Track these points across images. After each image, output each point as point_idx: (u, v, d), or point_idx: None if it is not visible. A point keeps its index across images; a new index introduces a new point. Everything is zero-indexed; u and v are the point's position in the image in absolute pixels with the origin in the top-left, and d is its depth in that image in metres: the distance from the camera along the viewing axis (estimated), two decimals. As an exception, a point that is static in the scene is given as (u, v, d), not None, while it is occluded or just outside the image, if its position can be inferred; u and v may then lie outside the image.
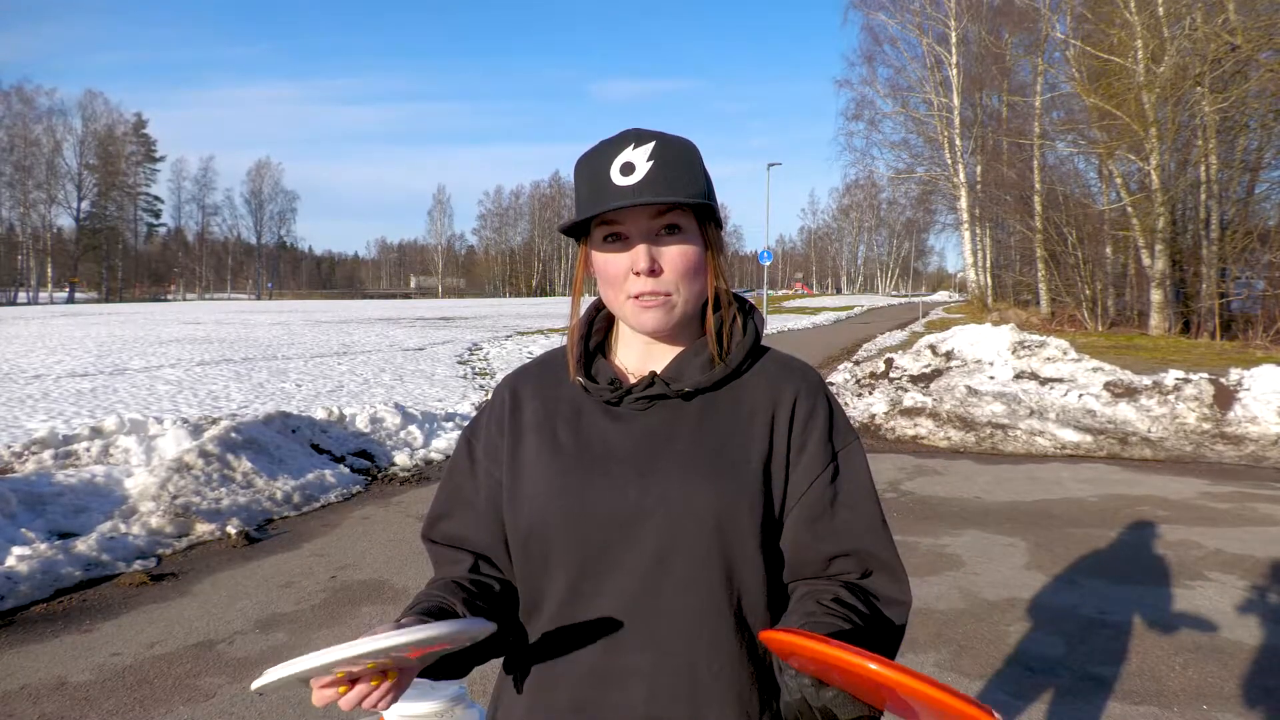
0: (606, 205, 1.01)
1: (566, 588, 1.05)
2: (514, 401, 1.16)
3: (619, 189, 1.01)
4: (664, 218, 1.03)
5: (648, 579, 1.02)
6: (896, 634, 1.05)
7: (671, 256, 1.03)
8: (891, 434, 9.17)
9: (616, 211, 1.02)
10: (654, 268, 1.03)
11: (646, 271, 1.02)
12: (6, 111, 70.42)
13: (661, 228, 1.03)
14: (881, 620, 1.03)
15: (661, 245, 1.03)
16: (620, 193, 1.01)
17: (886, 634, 1.03)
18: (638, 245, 1.03)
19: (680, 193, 1.02)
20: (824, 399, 1.11)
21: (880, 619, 1.03)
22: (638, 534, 1.02)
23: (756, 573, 1.04)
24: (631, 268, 1.03)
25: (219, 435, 6.36)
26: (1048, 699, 3.30)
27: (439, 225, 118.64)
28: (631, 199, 1.00)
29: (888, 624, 1.03)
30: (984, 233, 39.55)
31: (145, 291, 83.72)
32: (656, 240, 1.03)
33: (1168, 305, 23.82)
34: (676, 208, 1.03)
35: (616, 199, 1.01)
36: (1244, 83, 20.53)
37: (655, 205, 1.01)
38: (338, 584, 4.61)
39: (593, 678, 1.03)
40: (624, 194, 1.01)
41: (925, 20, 39.93)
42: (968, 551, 5.16)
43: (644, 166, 1.01)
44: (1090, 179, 29.34)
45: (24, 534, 4.79)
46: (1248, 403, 8.84)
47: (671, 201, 1.00)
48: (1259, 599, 4.34)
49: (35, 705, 3.25)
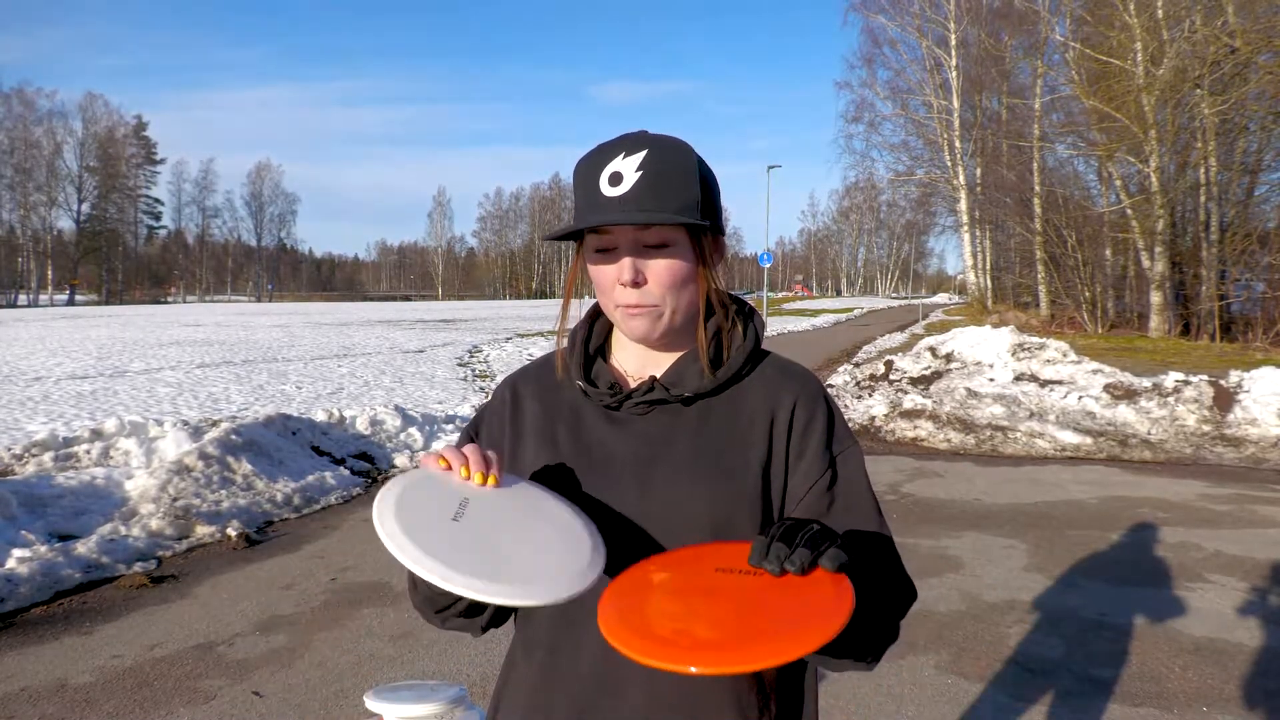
0: (588, 220, 1.01)
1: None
2: (514, 401, 1.17)
3: (606, 200, 1.01)
4: (650, 232, 1.02)
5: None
6: (902, 600, 1.04)
7: (657, 270, 1.03)
8: (891, 436, 9.17)
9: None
10: (637, 280, 1.03)
11: (630, 284, 1.02)
12: (7, 114, 70.54)
13: (649, 240, 1.03)
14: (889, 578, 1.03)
15: (647, 258, 1.03)
16: (606, 204, 1.01)
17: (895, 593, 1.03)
18: (624, 257, 1.03)
19: (668, 206, 1.01)
20: (823, 404, 1.11)
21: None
22: (637, 539, 1.02)
23: None
24: (618, 278, 1.04)
25: (219, 437, 6.36)
26: (1048, 701, 3.30)
27: (439, 227, 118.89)
28: (615, 214, 1.00)
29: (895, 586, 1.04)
30: (984, 235, 39.59)
31: (145, 294, 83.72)
32: (643, 253, 1.03)
33: (1167, 307, 23.82)
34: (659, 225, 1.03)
35: (602, 211, 1.01)
36: (1243, 85, 20.54)
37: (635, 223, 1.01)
38: (338, 586, 4.61)
39: (591, 683, 1.03)
40: (610, 206, 1.01)
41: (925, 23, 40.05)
42: (968, 553, 5.16)
43: (632, 178, 1.01)
44: (1090, 181, 29.40)
45: (24, 536, 4.79)
46: (1247, 405, 8.84)
47: (648, 223, 1.00)
48: (1259, 601, 4.34)
49: (35, 707, 3.25)
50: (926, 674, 3.52)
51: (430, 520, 0.90)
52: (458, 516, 0.91)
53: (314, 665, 3.63)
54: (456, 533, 0.89)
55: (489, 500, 0.95)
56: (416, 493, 0.94)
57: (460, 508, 0.93)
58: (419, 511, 0.91)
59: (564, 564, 0.89)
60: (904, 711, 3.23)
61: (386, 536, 0.87)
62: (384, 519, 0.88)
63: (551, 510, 0.98)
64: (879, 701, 3.28)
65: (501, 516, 0.94)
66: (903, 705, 3.27)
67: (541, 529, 0.94)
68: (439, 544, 0.87)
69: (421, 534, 0.87)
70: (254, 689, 3.41)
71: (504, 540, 0.91)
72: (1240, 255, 21.70)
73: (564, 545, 0.92)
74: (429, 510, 0.91)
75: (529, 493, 1.00)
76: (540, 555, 0.90)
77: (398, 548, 0.86)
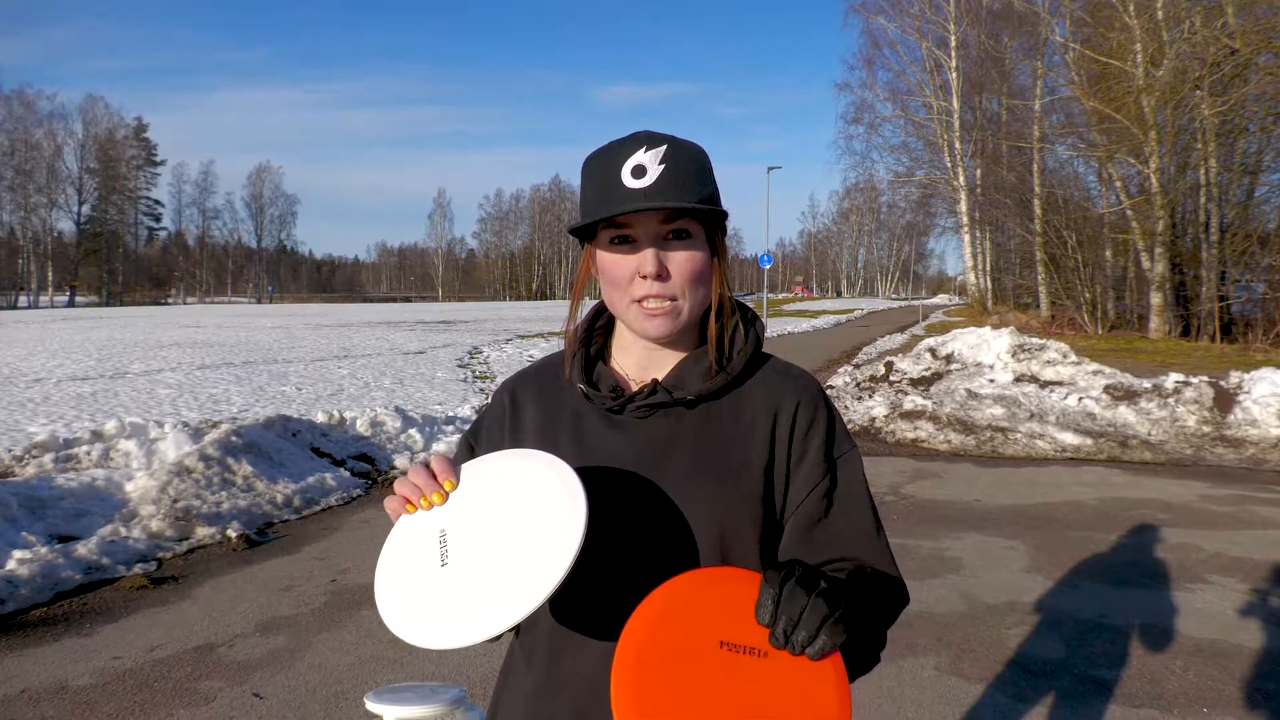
0: (619, 208, 1.00)
1: (566, 596, 1.05)
2: (514, 405, 1.16)
3: (630, 191, 1.01)
4: (673, 223, 1.03)
5: (649, 588, 1.02)
6: (894, 604, 1.06)
7: (679, 261, 1.03)
8: (891, 437, 9.17)
9: (626, 214, 1.01)
10: (661, 272, 1.02)
11: (654, 275, 1.02)
12: (7, 115, 70.49)
13: (670, 232, 1.03)
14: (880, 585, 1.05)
15: (669, 250, 1.03)
16: (631, 195, 1.01)
17: (887, 597, 1.05)
18: (645, 249, 1.02)
19: (691, 198, 1.02)
20: (824, 408, 1.11)
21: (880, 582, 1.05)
22: (639, 543, 1.02)
23: None
24: (638, 271, 1.03)
25: (219, 439, 6.36)
26: (1048, 702, 3.30)
27: (439, 229, 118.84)
28: (644, 202, 1.00)
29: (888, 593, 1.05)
30: (984, 236, 39.60)
31: (146, 295, 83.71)
32: (664, 245, 1.03)
33: (1167, 308, 23.82)
34: (688, 214, 1.03)
35: (628, 201, 1.00)
36: (1243, 86, 20.55)
37: (665, 210, 1.01)
38: (338, 587, 4.61)
39: (593, 686, 1.03)
40: (635, 197, 1.00)
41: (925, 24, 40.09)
42: (968, 554, 5.16)
43: (655, 170, 1.01)
44: (1090, 182, 29.41)
45: (24, 537, 4.79)
46: (1248, 406, 8.84)
47: (685, 208, 1.00)
48: (1259, 602, 4.34)
49: (35, 709, 3.25)
50: (926, 675, 3.52)
51: (426, 584, 0.92)
52: (444, 560, 0.92)
53: (314, 667, 3.63)
54: (451, 579, 0.90)
55: (462, 518, 0.95)
56: (402, 560, 0.96)
57: (442, 546, 0.93)
58: (413, 581, 0.93)
59: (549, 547, 0.89)
60: (904, 713, 3.23)
61: (392, 627, 0.91)
62: (391, 614, 0.92)
63: (514, 477, 0.97)
64: (879, 703, 3.28)
65: (479, 528, 0.94)
66: (903, 707, 3.27)
67: (517, 515, 0.93)
68: (445, 606, 0.89)
69: (428, 607, 0.90)
70: (254, 690, 3.41)
71: (493, 552, 0.91)
72: (1240, 256, 21.69)
73: (545, 525, 0.91)
74: (420, 571, 0.93)
75: (487, 475, 1.00)
76: (528, 550, 0.90)
77: (410, 637, 0.89)
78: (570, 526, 0.89)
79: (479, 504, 0.97)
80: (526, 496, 0.94)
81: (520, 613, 0.85)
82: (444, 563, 0.92)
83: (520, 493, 0.95)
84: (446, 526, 0.95)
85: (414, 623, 0.89)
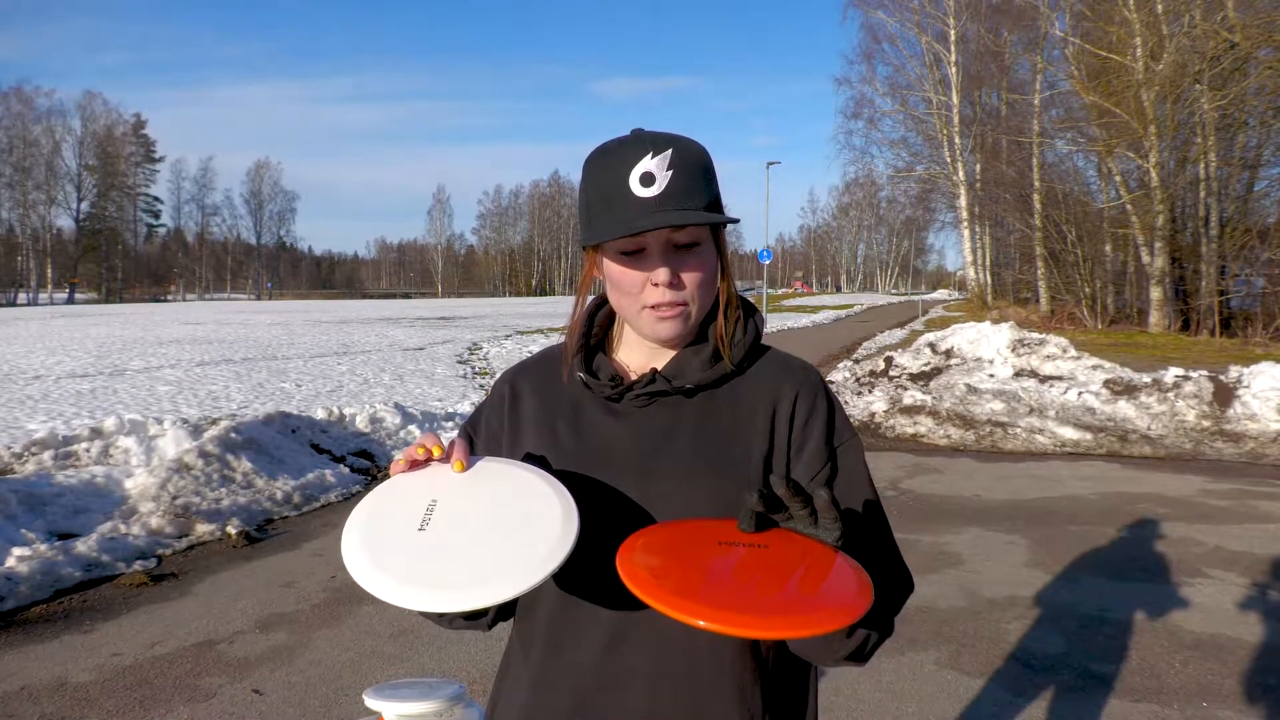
0: (635, 225, 0.99)
1: (564, 587, 1.05)
2: (513, 396, 1.16)
3: (641, 201, 1.01)
4: (683, 232, 1.03)
5: None
6: (899, 590, 1.06)
7: (691, 270, 1.04)
8: (891, 432, 9.17)
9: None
10: (674, 281, 1.03)
11: (667, 285, 1.03)
12: (5, 112, 70.46)
13: (681, 241, 1.04)
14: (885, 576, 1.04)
15: (680, 258, 1.04)
16: (643, 206, 1.00)
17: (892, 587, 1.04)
18: (657, 259, 1.03)
19: (699, 203, 1.02)
20: (824, 397, 1.11)
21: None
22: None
23: None
24: (649, 280, 1.03)
25: (219, 435, 6.36)
26: (1048, 696, 3.31)
27: (439, 225, 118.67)
28: (658, 214, 1.00)
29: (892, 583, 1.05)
30: (983, 231, 39.56)
31: (145, 292, 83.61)
32: (675, 253, 1.04)
33: (1167, 303, 23.82)
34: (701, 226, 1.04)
35: (641, 214, 1.00)
36: (1243, 80, 20.55)
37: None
38: (338, 584, 4.61)
39: (593, 678, 1.03)
40: (647, 206, 1.00)
41: (924, 18, 39.95)
42: (968, 549, 5.16)
43: (664, 177, 1.01)
44: (1089, 177, 29.38)
45: (24, 535, 4.79)
46: (1247, 400, 8.84)
47: (699, 222, 1.00)
48: (1259, 596, 4.34)
49: (35, 706, 3.25)
50: (927, 670, 3.52)
51: (396, 536, 0.92)
52: (424, 525, 0.93)
53: (314, 663, 3.64)
54: (421, 544, 0.90)
55: (456, 496, 0.96)
56: (383, 509, 0.96)
57: (427, 514, 0.94)
58: (384, 530, 0.93)
59: (533, 549, 0.89)
60: (904, 707, 3.23)
61: (349, 565, 0.90)
62: (350, 547, 0.91)
63: (521, 485, 0.98)
64: (879, 698, 3.29)
65: (469, 510, 0.94)
66: (903, 701, 3.27)
67: (509, 515, 0.94)
68: (402, 562, 0.88)
69: (386, 555, 0.89)
70: (254, 687, 3.41)
71: (473, 537, 0.91)
72: (1240, 250, 21.70)
73: (533, 528, 0.91)
74: (395, 524, 0.93)
75: (496, 473, 1.00)
76: (510, 545, 0.90)
77: (356, 572, 0.88)
78: (549, 555, 0.89)
79: (475, 494, 0.97)
80: (522, 506, 0.95)
81: (459, 605, 0.85)
82: (421, 528, 0.92)
83: (518, 500, 0.96)
84: (438, 498, 0.96)
85: (366, 565, 0.89)
